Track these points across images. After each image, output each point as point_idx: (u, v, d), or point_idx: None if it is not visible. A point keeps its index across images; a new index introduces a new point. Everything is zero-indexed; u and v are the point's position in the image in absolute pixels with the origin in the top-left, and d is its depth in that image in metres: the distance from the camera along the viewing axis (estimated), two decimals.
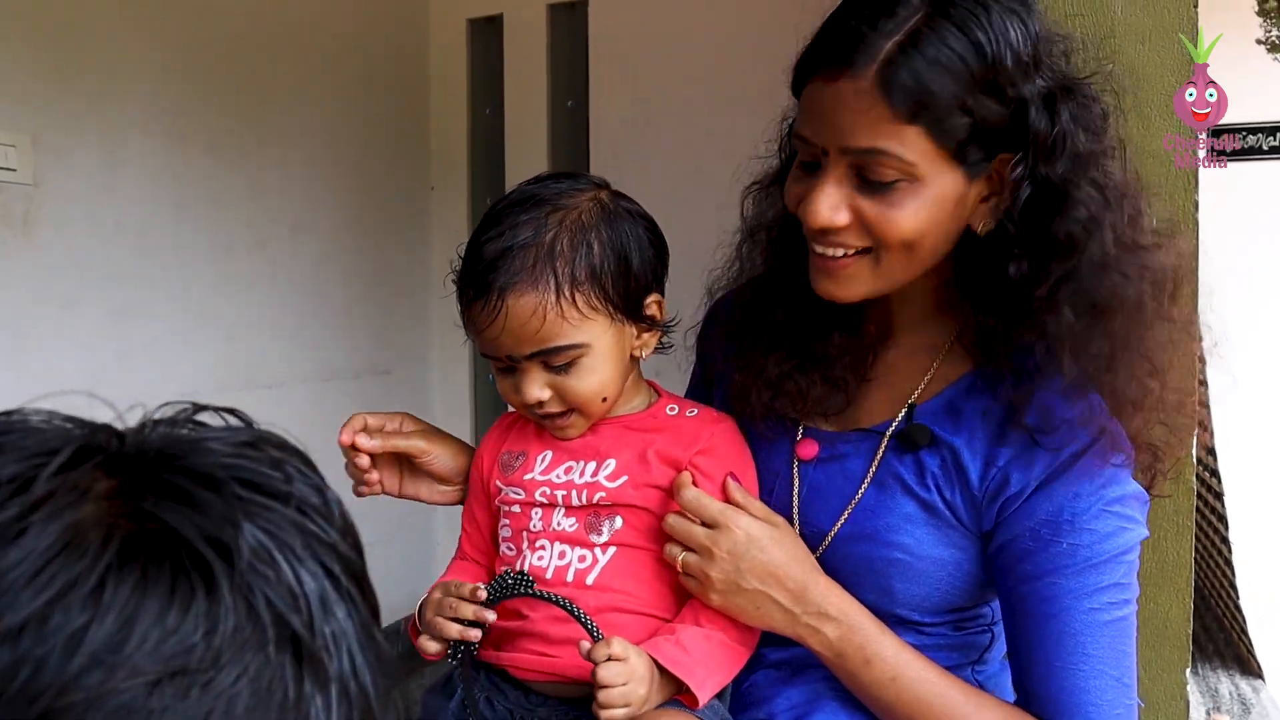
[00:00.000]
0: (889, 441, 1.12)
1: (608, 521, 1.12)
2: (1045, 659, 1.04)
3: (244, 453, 0.49)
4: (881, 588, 1.11)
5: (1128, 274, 1.02)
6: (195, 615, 0.43)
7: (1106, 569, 1.03)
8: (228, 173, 2.66)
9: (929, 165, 1.00)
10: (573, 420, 1.15)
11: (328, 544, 0.48)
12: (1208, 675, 1.77)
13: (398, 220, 3.32)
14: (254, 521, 0.46)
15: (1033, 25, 1.00)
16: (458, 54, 3.41)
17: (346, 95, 3.05)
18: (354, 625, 0.48)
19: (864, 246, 1.04)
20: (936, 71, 0.96)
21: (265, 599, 0.45)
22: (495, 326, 1.09)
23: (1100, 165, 1.02)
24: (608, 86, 3.28)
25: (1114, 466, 1.04)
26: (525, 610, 1.13)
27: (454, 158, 3.43)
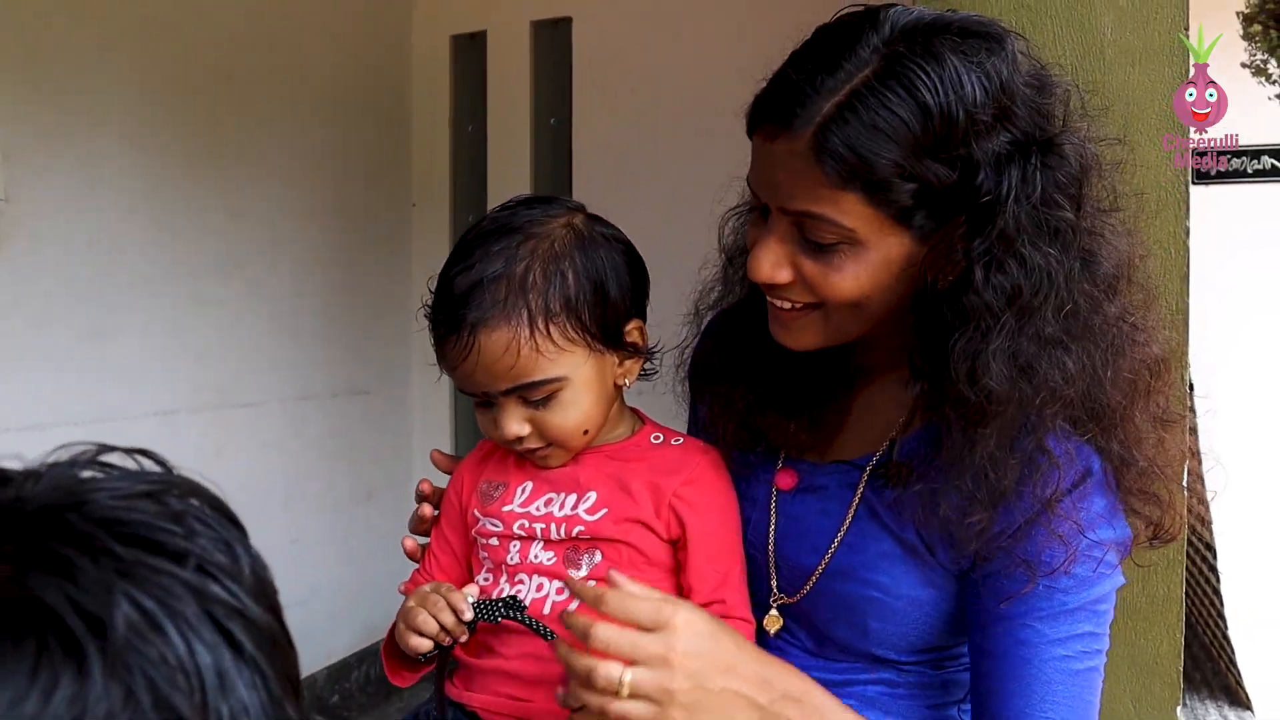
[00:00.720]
0: (869, 476, 1.09)
1: (586, 555, 1.09)
2: (1011, 704, 1.00)
3: (136, 505, 0.44)
4: (857, 626, 1.08)
5: (1079, 354, 0.96)
6: (60, 701, 0.38)
7: (1080, 616, 1.00)
8: (206, 191, 2.63)
9: (870, 230, 0.95)
10: (553, 452, 1.11)
11: (231, 607, 0.43)
12: (1195, 706, 1.75)
13: (378, 237, 3.29)
14: (139, 588, 0.41)
15: (1000, 74, 0.93)
16: (440, 70, 3.39)
17: (327, 112, 3.02)
18: (259, 697, 0.43)
19: (811, 302, 1.01)
20: (875, 138, 0.91)
21: (145, 679, 0.39)
22: (469, 363, 1.05)
23: (1055, 230, 0.95)
24: (591, 104, 3.27)
25: (1097, 510, 1.01)
26: (499, 648, 1.09)
27: (436, 174, 3.41)
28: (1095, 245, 0.98)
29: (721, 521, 1.10)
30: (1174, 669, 1.22)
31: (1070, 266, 0.95)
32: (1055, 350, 0.95)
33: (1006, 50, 0.95)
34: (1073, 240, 0.96)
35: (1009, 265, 0.94)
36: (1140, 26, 1.13)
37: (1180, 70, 1.14)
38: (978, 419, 0.96)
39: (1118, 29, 1.12)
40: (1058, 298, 0.95)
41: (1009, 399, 0.94)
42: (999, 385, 0.94)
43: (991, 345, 0.94)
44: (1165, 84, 1.13)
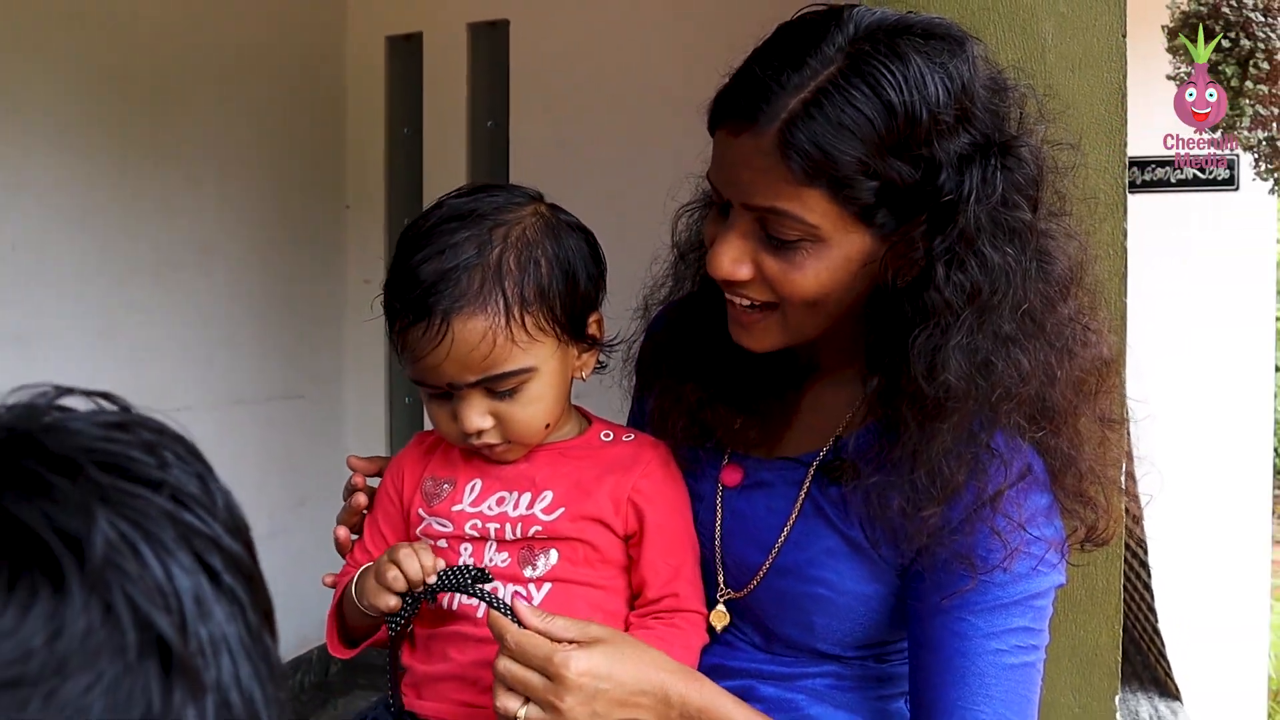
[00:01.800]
0: (815, 473, 1.10)
1: (542, 556, 1.07)
2: (946, 696, 1.01)
3: (112, 435, 0.43)
4: (803, 623, 1.09)
5: (1033, 352, 0.98)
6: (37, 617, 0.38)
7: (1016, 612, 1.01)
8: (137, 192, 2.57)
9: (832, 227, 0.96)
10: (511, 448, 1.09)
11: (207, 537, 0.43)
12: (1128, 698, 1.80)
13: (312, 240, 3.25)
14: (116, 511, 0.41)
15: (962, 76, 0.95)
16: (376, 72, 3.36)
17: (261, 112, 2.98)
18: (237, 628, 0.42)
19: (769, 301, 1.01)
20: (840, 135, 0.92)
21: (125, 597, 0.39)
22: (438, 353, 1.01)
23: (1013, 230, 0.97)
24: (529, 107, 3.26)
25: (1037, 507, 1.02)
26: (453, 655, 1.07)
27: (371, 177, 3.37)
28: (1050, 246, 1.00)
29: (676, 515, 1.11)
30: (1113, 659, 1.25)
31: (1027, 266, 0.97)
32: (1012, 348, 0.97)
33: (967, 53, 0.96)
34: (1029, 241, 0.98)
35: (969, 263, 0.95)
36: (1080, 33, 1.16)
37: (1119, 75, 1.17)
38: (935, 414, 0.97)
39: (1058, 35, 1.15)
40: (1015, 296, 0.96)
41: (967, 394, 0.96)
42: (957, 381, 0.95)
43: (951, 341, 0.96)
44: (1104, 89, 1.16)
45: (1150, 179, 2.71)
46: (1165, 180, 2.70)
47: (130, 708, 0.38)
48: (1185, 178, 2.74)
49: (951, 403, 0.96)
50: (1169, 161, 2.68)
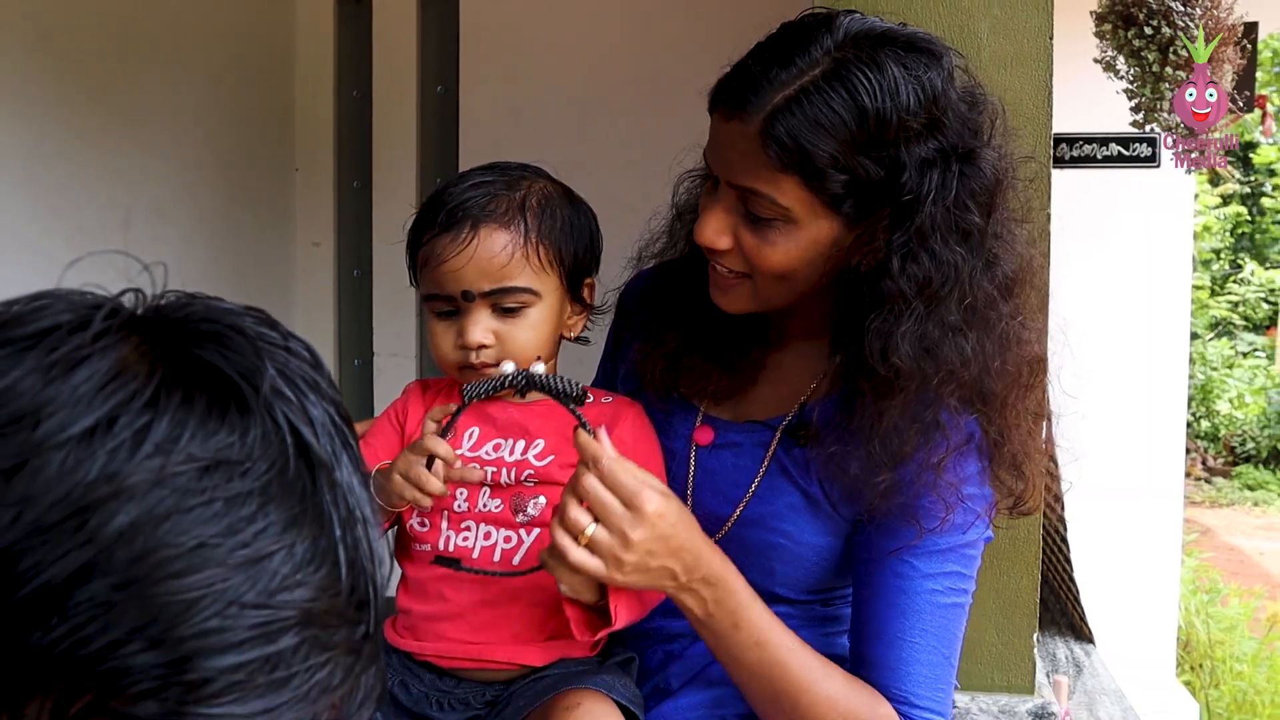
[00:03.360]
0: (780, 436, 1.21)
1: (531, 501, 1.16)
2: (884, 628, 1.14)
3: (248, 313, 0.58)
4: (765, 569, 1.20)
5: (974, 342, 1.09)
6: (230, 423, 0.52)
7: (951, 558, 1.15)
8: (88, 153, 2.57)
9: (804, 211, 1.08)
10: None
11: (325, 387, 0.57)
12: (1046, 642, 1.94)
13: (261, 203, 3.26)
14: (272, 360, 0.55)
15: (934, 87, 1.06)
16: (324, 34, 3.35)
17: (209, 75, 2.97)
18: (349, 455, 0.56)
19: (743, 271, 1.13)
20: (816, 132, 1.03)
21: (285, 416, 0.54)
22: (462, 257, 1.12)
23: (965, 232, 1.08)
24: (479, 73, 3.28)
25: (972, 470, 1.14)
26: (450, 596, 1.15)
27: (320, 140, 3.38)
28: (1000, 250, 1.12)
29: (652, 466, 1.20)
30: (1031, 602, 1.37)
31: (974, 265, 1.09)
32: (956, 336, 1.08)
33: (944, 66, 1.08)
34: (979, 243, 1.10)
35: (922, 258, 1.07)
36: (1012, 34, 1.26)
37: (1046, 73, 1.28)
38: (885, 392, 1.08)
39: (992, 35, 1.25)
40: (961, 291, 1.08)
41: (913, 376, 1.07)
42: (906, 364, 1.07)
43: (901, 327, 1.07)
44: (1033, 85, 1.26)
45: (1077, 155, 2.83)
46: (1091, 156, 2.83)
47: (294, 486, 0.53)
48: (1110, 154, 2.87)
49: (901, 381, 1.08)
50: (1095, 138, 2.80)
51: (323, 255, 3.36)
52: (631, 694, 1.16)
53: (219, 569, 0.49)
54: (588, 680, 1.12)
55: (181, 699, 0.48)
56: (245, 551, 0.50)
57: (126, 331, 0.54)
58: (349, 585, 0.54)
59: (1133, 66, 1.81)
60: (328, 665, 0.52)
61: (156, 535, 0.48)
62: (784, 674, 1.10)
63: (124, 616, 0.47)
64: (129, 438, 0.50)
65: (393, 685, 1.17)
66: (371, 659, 0.56)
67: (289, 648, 0.50)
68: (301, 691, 0.51)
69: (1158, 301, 3.43)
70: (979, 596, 1.20)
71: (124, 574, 0.48)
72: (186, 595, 0.48)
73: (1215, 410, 9.28)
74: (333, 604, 0.53)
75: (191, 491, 0.50)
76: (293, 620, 0.51)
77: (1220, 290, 10.63)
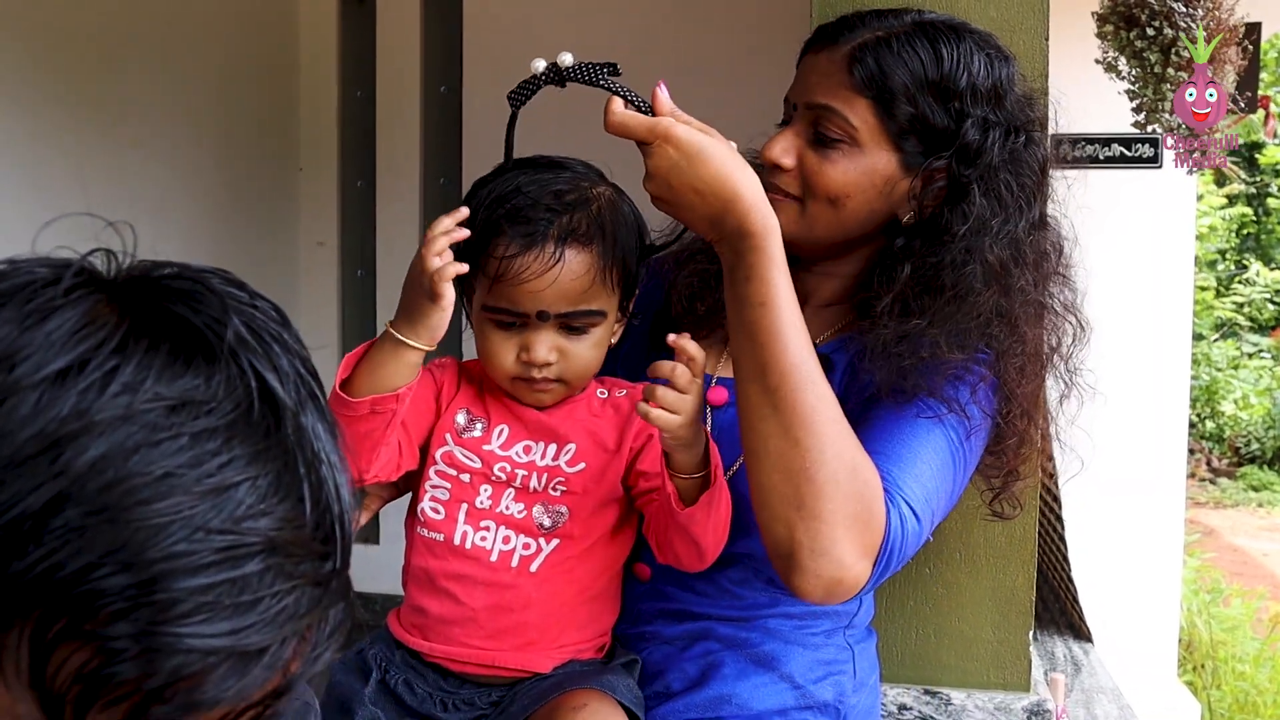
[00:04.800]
0: None
1: (555, 512, 1.14)
2: (888, 430, 1.13)
3: (216, 273, 0.61)
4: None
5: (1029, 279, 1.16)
6: (196, 368, 0.55)
7: (954, 416, 1.14)
8: (89, 153, 2.58)
9: (869, 136, 1.18)
10: (554, 389, 1.14)
11: (292, 343, 0.60)
12: (1045, 640, 1.94)
13: (265, 203, 3.27)
14: (238, 314, 0.58)
15: (1002, 73, 1.19)
16: (328, 34, 3.36)
17: (212, 74, 2.98)
18: (315, 404, 0.59)
19: (797, 194, 1.21)
20: (896, 63, 1.16)
21: (250, 363, 0.57)
22: (544, 280, 1.08)
23: (1024, 186, 1.18)
24: (482, 72, 3.29)
25: (989, 390, 1.17)
26: (463, 598, 1.13)
27: (323, 139, 3.38)
28: (1048, 219, 1.22)
29: None
30: (1028, 599, 1.38)
31: (1034, 215, 1.19)
32: (1023, 263, 1.17)
33: (1009, 65, 1.21)
34: (1037, 198, 1.20)
35: (997, 185, 1.17)
36: (1007, 35, 1.28)
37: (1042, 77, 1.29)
38: (961, 289, 1.15)
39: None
40: (1024, 226, 1.18)
41: (989, 277, 1.14)
42: (985, 266, 1.15)
43: (986, 239, 1.15)
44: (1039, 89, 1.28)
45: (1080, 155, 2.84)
46: (1093, 157, 2.83)
47: (259, 424, 0.56)
48: (1113, 155, 2.87)
49: (975, 287, 1.14)
50: (1097, 139, 2.81)
51: (326, 255, 3.37)
52: (634, 695, 1.15)
53: (185, 496, 0.52)
54: (592, 681, 1.11)
55: (152, 619, 0.51)
56: (211, 481, 0.53)
57: (96, 287, 0.58)
58: (314, 520, 0.57)
59: (1134, 67, 1.81)
60: (293, 593, 0.55)
61: (126, 466, 0.52)
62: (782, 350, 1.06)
63: (96, 541, 0.51)
64: (99, 378, 0.53)
65: (396, 684, 1.16)
66: (339, 595, 0.58)
67: (254, 573, 0.53)
68: (268, 616, 0.54)
69: (1160, 302, 3.43)
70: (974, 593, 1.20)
71: (95, 502, 0.51)
72: (155, 520, 0.51)
73: (1220, 411, 9.27)
74: (297, 535, 0.56)
75: (159, 427, 0.53)
76: (258, 546, 0.54)
77: (1225, 291, 10.60)
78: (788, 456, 1.04)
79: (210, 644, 0.52)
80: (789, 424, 1.04)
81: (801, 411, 1.04)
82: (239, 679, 0.53)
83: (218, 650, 0.52)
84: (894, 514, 1.06)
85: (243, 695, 0.54)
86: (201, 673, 0.52)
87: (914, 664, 1.45)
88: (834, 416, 1.06)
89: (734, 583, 1.21)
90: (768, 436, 1.05)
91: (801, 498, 1.03)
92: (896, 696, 1.46)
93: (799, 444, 1.04)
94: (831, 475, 1.03)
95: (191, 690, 0.52)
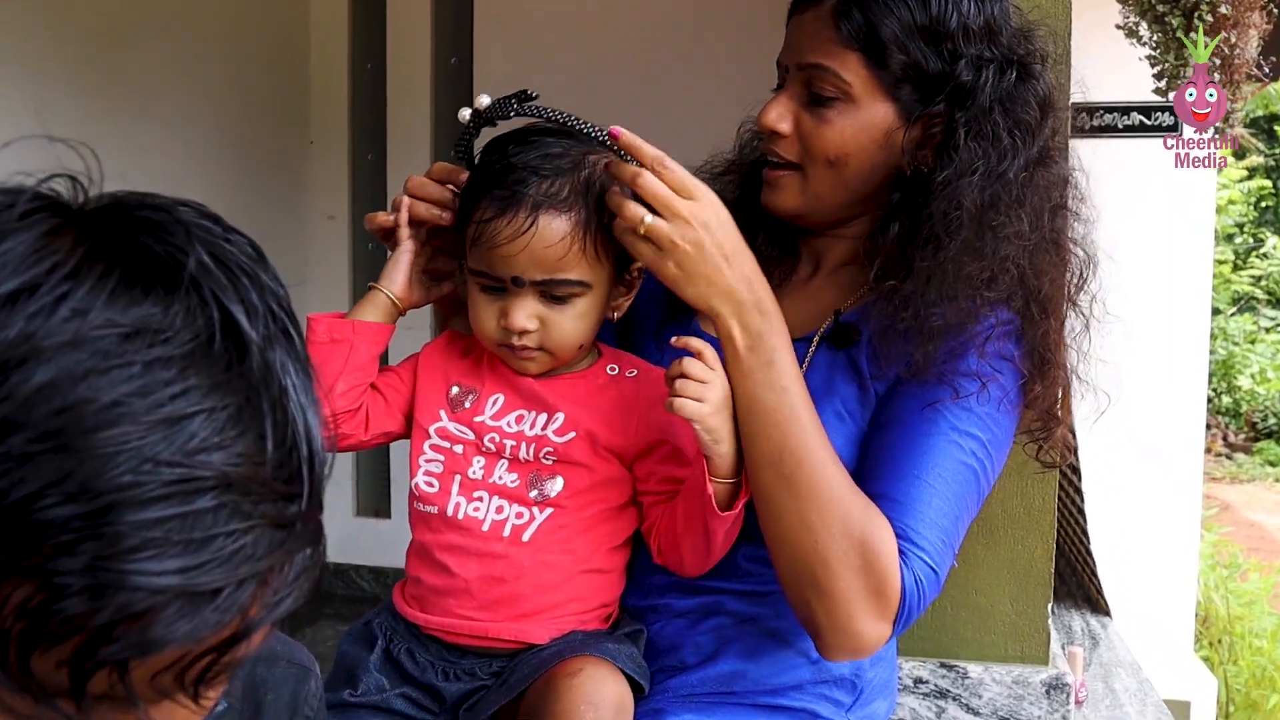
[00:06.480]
0: (819, 345, 1.20)
1: (549, 481, 1.13)
2: (901, 464, 1.11)
3: (190, 205, 0.59)
4: None
5: (1030, 222, 1.12)
6: (155, 296, 0.54)
7: (979, 424, 1.12)
8: (101, 128, 2.57)
9: (864, 90, 1.15)
10: (539, 357, 1.13)
11: (264, 278, 0.58)
12: (1062, 614, 1.92)
13: (276, 176, 3.25)
14: (205, 246, 0.56)
15: (994, 7, 1.15)
16: (338, 7, 3.34)
17: (223, 48, 2.97)
18: (287, 342, 0.57)
19: (796, 161, 1.19)
20: (884, 11, 1.12)
21: (213, 293, 0.55)
22: (518, 243, 1.07)
23: (1022, 123, 1.14)
24: (492, 44, 3.27)
25: (1013, 354, 1.14)
26: (456, 570, 1.13)
27: (334, 113, 3.37)
28: (1052, 152, 1.18)
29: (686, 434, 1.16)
30: (1046, 571, 1.36)
31: (1030, 154, 1.15)
32: (1015, 207, 1.13)
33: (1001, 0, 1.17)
34: (1034, 135, 1.16)
35: (986, 129, 1.14)
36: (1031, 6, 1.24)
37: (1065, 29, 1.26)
38: (949, 239, 1.11)
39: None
40: (1018, 169, 1.14)
41: (976, 218, 1.11)
42: (971, 207, 1.11)
43: (965, 180, 1.12)
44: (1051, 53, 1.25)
45: (1098, 124, 2.80)
46: (1113, 125, 2.79)
47: (220, 356, 0.54)
48: (1132, 124, 2.83)
49: (963, 229, 1.11)
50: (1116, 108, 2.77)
51: (337, 229, 3.35)
52: (636, 664, 1.14)
53: (134, 426, 0.50)
54: (592, 648, 1.11)
55: (98, 553, 0.49)
56: (163, 410, 0.51)
57: (55, 213, 0.56)
58: (276, 459, 0.54)
59: (1155, 32, 1.77)
60: (250, 533, 0.53)
61: (74, 393, 0.50)
62: (797, 433, 1.06)
63: (42, 469, 0.49)
64: (49, 303, 0.51)
65: (399, 653, 1.16)
66: (305, 539, 0.56)
67: (207, 509, 0.51)
68: (221, 556, 0.52)
69: (1180, 275, 3.39)
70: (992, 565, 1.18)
71: (40, 429, 0.49)
72: (102, 450, 0.49)
73: (1237, 386, 9.21)
74: (255, 472, 0.53)
75: (110, 354, 0.51)
76: (210, 481, 0.52)
77: (1243, 265, 10.51)
78: (802, 542, 1.07)
79: (158, 582, 0.50)
80: (804, 508, 1.06)
81: (814, 492, 1.06)
82: (190, 620, 0.51)
83: (166, 589, 0.50)
84: (908, 577, 1.07)
85: (194, 638, 0.52)
86: (150, 611, 0.50)
87: (931, 637, 1.44)
88: (842, 488, 1.07)
89: (748, 559, 1.19)
90: (784, 524, 1.08)
91: (817, 580, 1.06)
92: (913, 670, 1.45)
93: (812, 528, 1.06)
94: (842, 554, 1.05)
95: (140, 630, 0.50)
